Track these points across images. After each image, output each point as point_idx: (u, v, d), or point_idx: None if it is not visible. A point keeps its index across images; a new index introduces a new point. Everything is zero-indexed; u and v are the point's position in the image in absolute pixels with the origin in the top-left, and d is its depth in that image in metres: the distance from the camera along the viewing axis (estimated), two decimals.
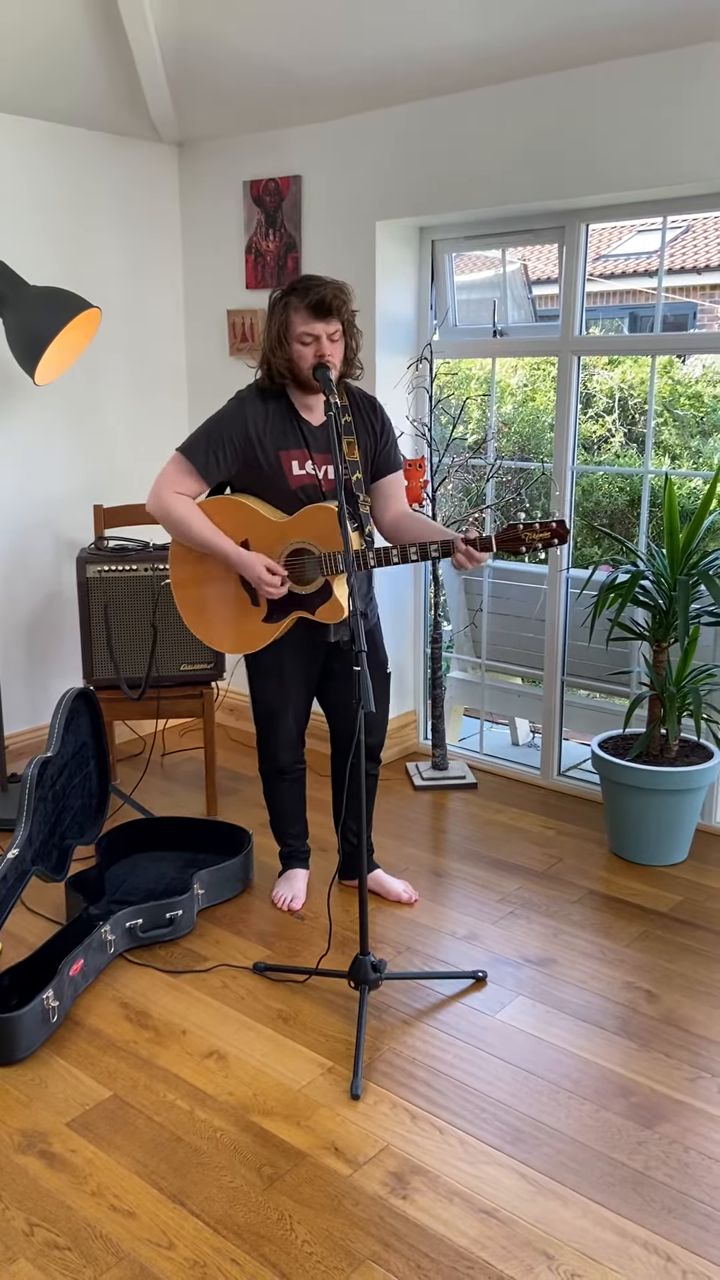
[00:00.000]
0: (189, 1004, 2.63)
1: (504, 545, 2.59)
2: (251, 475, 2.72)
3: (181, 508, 2.69)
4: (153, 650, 3.60)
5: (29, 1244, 1.93)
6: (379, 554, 2.60)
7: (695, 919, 3.01)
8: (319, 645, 2.86)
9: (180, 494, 2.70)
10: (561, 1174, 2.09)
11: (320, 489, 2.72)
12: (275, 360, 2.63)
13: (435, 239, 3.81)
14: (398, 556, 2.60)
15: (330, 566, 2.66)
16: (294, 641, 2.83)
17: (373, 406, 2.79)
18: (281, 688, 2.89)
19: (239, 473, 2.73)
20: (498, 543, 2.59)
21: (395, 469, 2.86)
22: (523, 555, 2.65)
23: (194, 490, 2.71)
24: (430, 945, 2.89)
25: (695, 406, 7.42)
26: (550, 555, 3.75)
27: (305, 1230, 1.96)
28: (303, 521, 2.67)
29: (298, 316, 2.58)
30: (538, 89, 3.22)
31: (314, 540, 2.67)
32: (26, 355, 3.27)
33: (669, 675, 3.28)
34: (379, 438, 2.79)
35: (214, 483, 2.73)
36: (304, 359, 2.61)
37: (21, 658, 4.01)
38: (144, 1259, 1.90)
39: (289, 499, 2.70)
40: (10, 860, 2.70)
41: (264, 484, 2.72)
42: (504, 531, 2.60)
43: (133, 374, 4.19)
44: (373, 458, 2.79)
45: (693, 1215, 1.99)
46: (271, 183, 3.90)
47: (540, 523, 2.58)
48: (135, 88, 3.62)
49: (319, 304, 2.56)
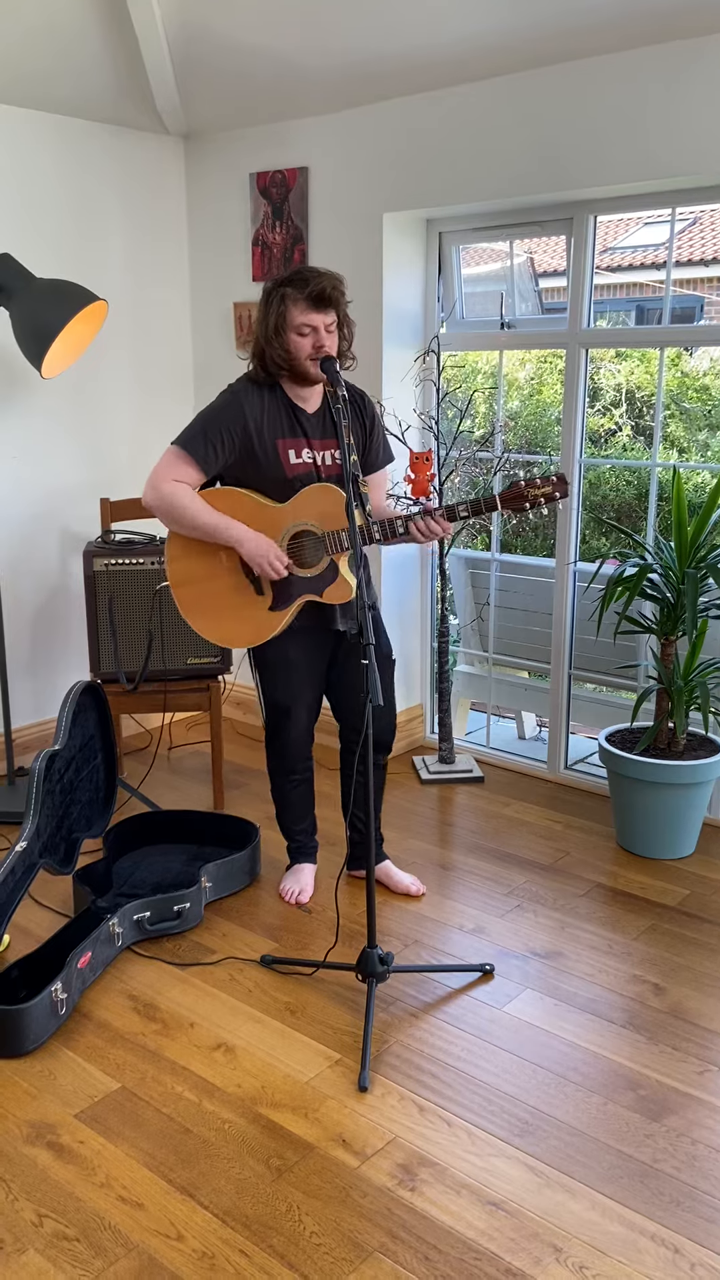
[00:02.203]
0: (197, 996, 2.64)
1: (508, 504, 2.60)
2: (246, 467, 2.71)
3: (181, 494, 2.67)
4: (149, 646, 3.60)
5: (38, 1235, 1.94)
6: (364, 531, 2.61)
7: (702, 912, 3.00)
8: (326, 638, 2.86)
9: (179, 481, 2.69)
10: (569, 1166, 2.09)
11: (319, 476, 2.71)
12: (271, 351, 2.62)
13: (442, 231, 3.80)
14: (379, 533, 2.62)
15: (335, 545, 2.65)
16: (302, 637, 2.83)
17: (363, 400, 2.81)
18: (291, 685, 2.88)
19: (232, 465, 2.72)
20: (502, 501, 2.59)
21: (379, 467, 2.88)
22: (527, 512, 2.64)
23: (193, 481, 2.70)
24: (437, 938, 2.89)
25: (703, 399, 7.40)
26: (558, 549, 3.74)
27: (314, 1222, 1.96)
28: (303, 503, 2.67)
29: (296, 308, 2.58)
30: (544, 80, 3.20)
31: (315, 521, 2.66)
32: (33, 348, 3.27)
33: (676, 669, 3.27)
34: (368, 432, 2.82)
35: (212, 473, 2.72)
36: (301, 350, 2.60)
37: (28, 651, 4.01)
38: (153, 1250, 1.90)
39: (284, 488, 2.70)
40: (18, 853, 2.71)
41: (258, 475, 2.71)
42: (508, 489, 2.61)
43: (139, 366, 4.18)
44: (363, 452, 2.80)
45: (700, 1208, 1.99)
46: (278, 174, 3.89)
47: (541, 478, 2.60)
48: (141, 79, 3.61)
49: (318, 295, 2.56)
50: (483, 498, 2.61)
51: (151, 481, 2.69)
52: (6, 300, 3.30)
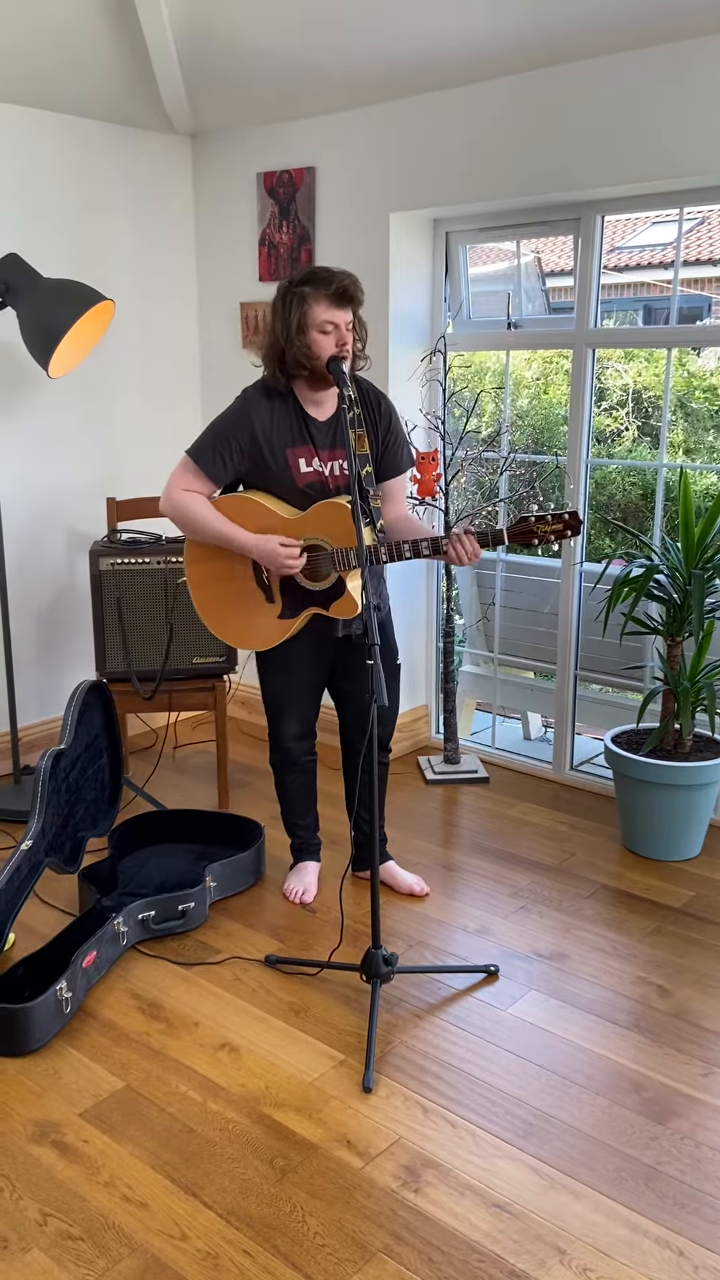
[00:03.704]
0: (201, 996, 2.64)
1: (516, 539, 2.58)
2: (260, 474, 2.72)
3: (193, 504, 2.70)
4: (168, 647, 3.60)
5: (42, 1234, 1.94)
6: (372, 551, 2.59)
7: (708, 914, 3.00)
8: (330, 640, 2.86)
9: (190, 491, 2.71)
10: (574, 1168, 2.08)
11: (328, 486, 2.71)
12: (293, 351, 2.61)
13: (449, 231, 3.79)
14: (386, 556, 2.60)
15: (342, 562, 2.65)
16: (305, 636, 2.83)
17: (379, 400, 2.78)
18: (292, 680, 2.89)
19: (248, 471, 2.73)
20: (510, 536, 2.58)
21: (399, 472, 2.84)
22: (535, 548, 2.64)
23: (204, 490, 2.73)
24: (442, 939, 2.89)
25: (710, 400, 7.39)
26: (564, 550, 3.73)
27: (317, 1222, 1.96)
28: (314, 518, 2.67)
29: (319, 306, 2.57)
30: (552, 80, 3.20)
31: (325, 537, 2.66)
32: (40, 348, 3.27)
33: (683, 670, 3.26)
34: (384, 434, 2.78)
35: (222, 483, 2.74)
36: (324, 348, 2.60)
37: (34, 650, 4.02)
38: (156, 1249, 1.91)
39: (297, 496, 2.70)
40: (24, 852, 2.71)
41: (272, 482, 2.72)
42: (515, 525, 2.59)
43: (145, 366, 4.18)
44: (378, 456, 2.79)
45: (705, 1210, 1.98)
46: (285, 174, 3.89)
47: (552, 515, 2.57)
48: (148, 78, 3.61)
49: (341, 292, 2.57)
50: (490, 531, 2.58)
51: (166, 490, 2.74)
52: (14, 300, 3.30)
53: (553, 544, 2.62)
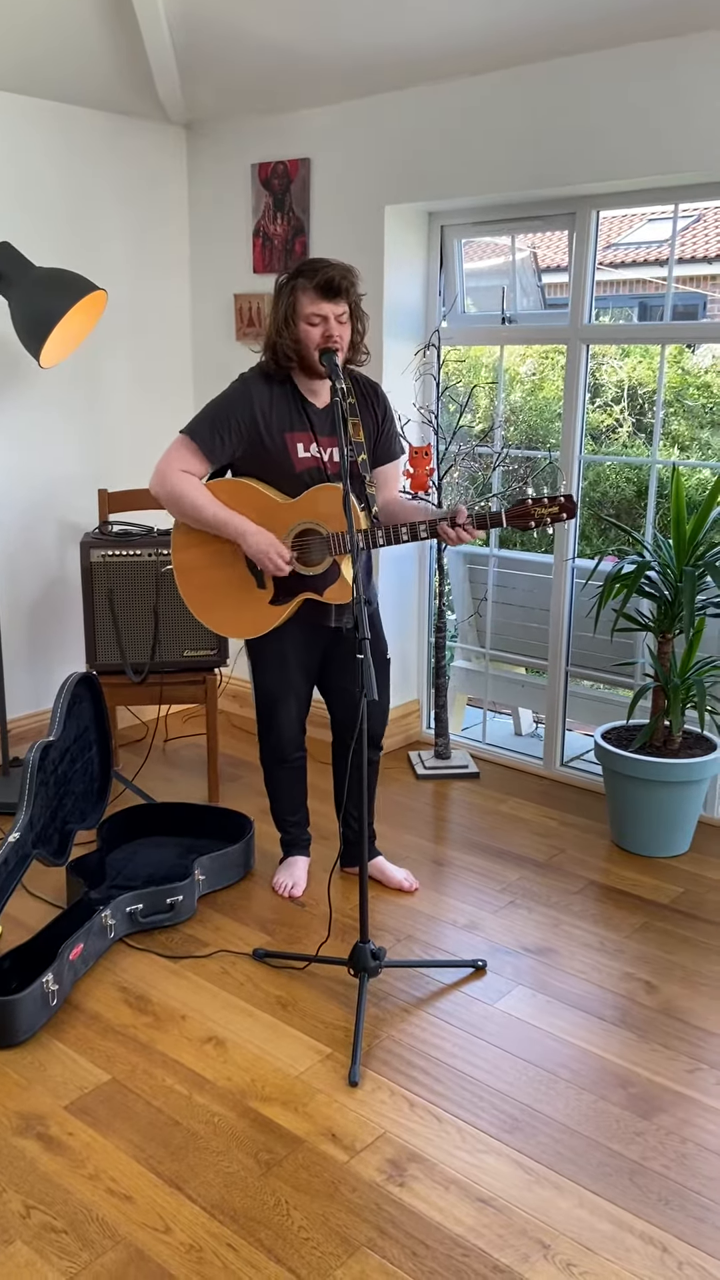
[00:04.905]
0: (188, 989, 2.63)
1: (514, 521, 2.59)
2: (256, 458, 2.71)
3: (189, 486, 2.68)
4: (155, 634, 3.59)
5: (25, 1226, 1.94)
6: (367, 535, 2.60)
7: (696, 911, 3.00)
8: (321, 632, 2.85)
9: (186, 473, 2.69)
10: (559, 1163, 2.09)
11: (325, 472, 2.70)
12: (282, 342, 2.61)
13: (444, 224, 3.78)
14: (383, 539, 2.60)
15: (338, 546, 2.65)
16: (296, 628, 2.82)
17: (375, 392, 2.79)
18: (283, 675, 2.89)
19: (243, 456, 2.71)
20: (508, 518, 2.59)
21: (392, 458, 2.86)
22: (532, 530, 2.64)
23: (199, 471, 2.70)
24: (430, 934, 2.89)
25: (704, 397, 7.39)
26: (556, 545, 3.73)
27: (302, 1216, 1.96)
28: (309, 502, 2.66)
29: (306, 297, 2.57)
30: (549, 74, 3.19)
31: (320, 521, 2.65)
32: (32, 337, 3.26)
33: (673, 667, 3.27)
34: (379, 423, 2.79)
35: (219, 463, 2.72)
36: (311, 340, 2.59)
37: (24, 642, 4.00)
38: (140, 1243, 1.90)
39: (294, 482, 2.69)
40: (11, 844, 2.70)
41: (269, 467, 2.70)
42: (514, 507, 2.59)
43: (138, 357, 4.17)
44: (373, 444, 2.79)
45: (689, 1206, 1.98)
46: (280, 165, 3.87)
47: (549, 497, 2.59)
48: (142, 66, 3.58)
49: (327, 284, 2.55)
50: (488, 513, 2.59)
51: (159, 470, 2.69)
52: (5, 289, 3.28)
53: (548, 526, 2.62)
